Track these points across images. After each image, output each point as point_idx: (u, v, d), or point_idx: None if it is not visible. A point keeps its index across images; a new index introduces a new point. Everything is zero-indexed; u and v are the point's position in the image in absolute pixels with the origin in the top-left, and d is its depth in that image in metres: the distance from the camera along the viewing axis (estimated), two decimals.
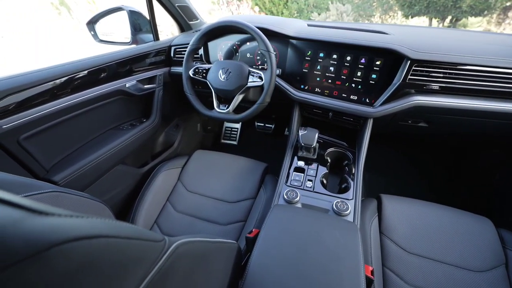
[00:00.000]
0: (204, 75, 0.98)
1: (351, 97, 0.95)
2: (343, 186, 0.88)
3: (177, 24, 1.30)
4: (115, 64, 0.96)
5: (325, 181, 0.90)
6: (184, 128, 1.52)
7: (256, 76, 0.91)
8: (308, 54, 0.97)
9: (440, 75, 0.82)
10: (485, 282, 0.69)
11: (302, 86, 1.02)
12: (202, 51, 1.12)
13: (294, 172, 0.90)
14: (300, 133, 0.92)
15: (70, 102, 0.81)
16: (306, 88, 1.01)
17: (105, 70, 0.92)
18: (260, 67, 1.08)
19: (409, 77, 0.83)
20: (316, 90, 1.00)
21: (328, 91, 0.98)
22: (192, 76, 0.99)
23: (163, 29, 1.22)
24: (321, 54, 0.95)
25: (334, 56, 0.93)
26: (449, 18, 6.86)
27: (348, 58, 0.91)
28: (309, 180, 0.88)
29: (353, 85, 0.93)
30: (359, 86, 0.92)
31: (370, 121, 0.96)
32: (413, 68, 0.82)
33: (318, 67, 0.96)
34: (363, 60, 0.89)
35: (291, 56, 1.00)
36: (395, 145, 1.64)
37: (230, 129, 1.92)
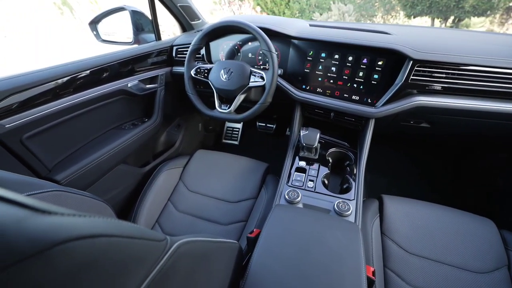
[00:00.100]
0: (206, 75, 0.98)
1: (353, 97, 0.94)
2: (345, 187, 0.88)
3: (179, 24, 1.31)
4: (117, 64, 0.96)
5: (327, 182, 0.90)
6: (186, 128, 1.52)
7: (258, 76, 0.91)
8: (310, 54, 0.97)
9: (443, 76, 0.82)
10: (487, 284, 0.69)
11: (304, 86, 1.01)
12: (204, 51, 1.12)
13: (296, 172, 0.90)
14: (302, 133, 0.92)
15: (73, 102, 0.82)
16: (308, 88, 1.01)
17: (107, 70, 0.93)
18: (262, 67, 1.08)
19: (411, 78, 0.83)
20: (318, 90, 0.99)
21: (330, 91, 0.98)
22: (194, 76, 0.99)
23: (165, 29, 1.22)
24: (323, 54, 0.95)
25: (336, 56, 0.92)
26: (452, 18, 6.83)
27: (350, 58, 0.91)
28: (311, 181, 0.87)
29: (355, 85, 0.93)
30: (361, 86, 0.92)
31: (372, 122, 0.95)
32: (415, 69, 0.82)
33: (320, 67, 0.96)
34: (365, 60, 0.89)
35: (293, 56, 1.00)
36: (397, 145, 1.63)
37: (232, 129, 1.92)
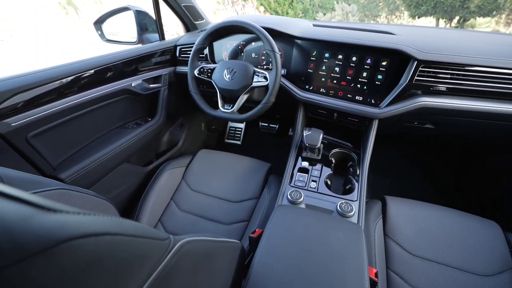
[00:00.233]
0: (209, 75, 0.98)
1: (357, 98, 0.94)
2: (348, 187, 0.88)
3: (183, 24, 1.31)
4: (121, 64, 0.97)
5: (329, 182, 0.89)
6: (189, 128, 1.53)
7: (261, 76, 0.91)
8: (314, 54, 0.96)
9: (447, 76, 0.81)
10: (491, 287, 0.68)
11: (307, 87, 1.01)
12: (207, 51, 1.13)
13: (298, 173, 0.90)
14: (305, 134, 0.92)
15: (77, 101, 0.82)
16: (311, 89, 1.01)
17: (112, 70, 0.93)
18: (265, 67, 1.08)
19: (416, 78, 0.82)
20: (321, 91, 0.99)
21: (333, 92, 0.97)
22: (197, 76, 1.00)
23: (168, 29, 1.22)
24: (327, 55, 0.94)
25: (340, 57, 0.92)
26: (457, 19, 6.76)
27: (354, 59, 0.90)
28: (313, 181, 0.87)
29: (359, 86, 0.92)
30: (365, 87, 0.92)
31: (376, 122, 0.95)
32: (420, 69, 0.81)
33: (323, 68, 0.96)
34: (369, 61, 0.88)
35: (296, 56, 1.00)
36: (399, 146, 1.62)
37: (234, 129, 1.92)
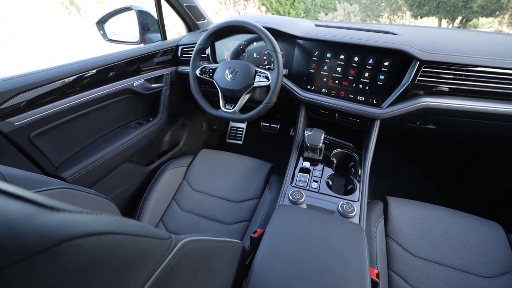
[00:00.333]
0: (211, 75, 0.98)
1: (358, 98, 0.94)
2: (349, 188, 0.87)
3: (185, 24, 1.31)
4: (123, 63, 0.97)
5: (331, 182, 0.89)
6: (190, 127, 1.53)
7: (263, 76, 0.91)
8: (315, 55, 0.96)
9: (450, 77, 0.80)
10: None
11: (309, 87, 1.01)
12: (209, 51, 1.13)
13: (300, 173, 0.90)
14: (306, 134, 0.92)
15: (79, 100, 0.82)
16: (313, 89, 1.01)
17: (114, 69, 0.94)
18: (267, 67, 1.08)
19: (418, 78, 0.82)
20: (323, 91, 0.99)
21: (335, 92, 0.97)
22: (199, 76, 1.00)
23: (170, 29, 1.23)
24: (328, 55, 0.94)
25: (342, 57, 0.92)
26: (459, 19, 6.74)
27: (356, 59, 0.90)
28: (315, 181, 0.87)
29: (361, 86, 0.92)
30: (367, 87, 0.91)
31: (377, 123, 0.95)
32: (422, 69, 0.81)
33: (325, 68, 0.96)
34: (371, 61, 0.88)
35: (298, 56, 1.00)
36: (400, 146, 1.61)
37: (236, 129, 1.92)
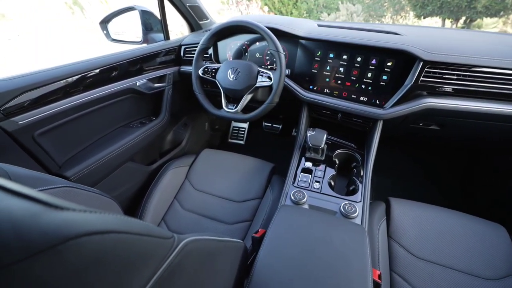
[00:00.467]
0: (213, 75, 0.98)
1: (361, 99, 0.93)
2: (351, 188, 0.87)
3: (187, 24, 1.32)
4: (126, 63, 0.98)
5: (333, 183, 0.89)
6: (192, 127, 1.53)
7: (265, 76, 0.91)
8: (318, 55, 0.96)
9: (454, 77, 0.80)
10: None
11: (311, 87, 1.01)
12: (212, 51, 1.13)
13: (302, 173, 0.90)
14: (308, 134, 0.92)
15: (83, 100, 0.83)
16: (315, 89, 1.00)
17: (117, 69, 0.94)
18: (269, 67, 1.08)
19: (422, 79, 0.81)
20: (325, 91, 0.99)
21: (338, 92, 0.97)
22: (202, 76, 1.00)
23: (173, 29, 1.23)
24: (331, 55, 0.94)
25: (344, 57, 0.92)
26: (463, 19, 6.69)
27: (359, 59, 0.90)
28: (317, 182, 0.87)
29: (363, 86, 0.92)
30: (369, 88, 0.91)
31: (380, 123, 0.94)
32: (426, 70, 0.80)
33: (328, 68, 0.95)
34: (374, 61, 0.88)
35: (301, 56, 1.00)
36: (402, 147, 1.61)
37: (238, 129, 1.92)
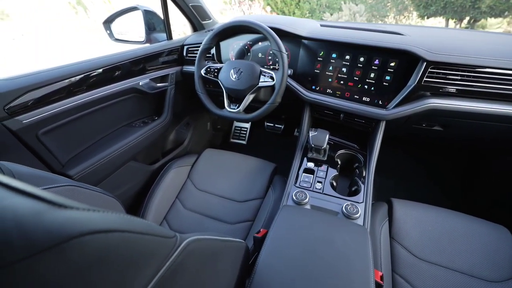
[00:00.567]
0: (216, 75, 0.98)
1: (364, 99, 0.93)
2: (353, 189, 0.87)
3: (190, 24, 1.32)
4: (129, 63, 0.98)
5: (335, 183, 0.89)
6: (194, 127, 1.53)
7: (268, 76, 0.91)
8: (321, 55, 0.96)
9: (458, 78, 0.79)
10: None
11: (314, 87, 1.01)
12: (214, 51, 1.13)
13: (304, 173, 0.90)
14: (311, 134, 0.92)
15: (86, 99, 0.83)
16: (318, 89, 1.00)
17: (120, 69, 0.94)
18: (272, 67, 1.07)
19: (425, 79, 0.81)
20: (328, 91, 0.98)
21: (340, 92, 0.96)
22: (204, 75, 1.00)
23: (175, 29, 1.23)
24: (334, 55, 0.94)
25: (347, 57, 0.91)
26: (467, 19, 6.64)
27: (362, 59, 0.89)
28: (319, 182, 0.87)
29: (366, 87, 0.91)
30: (372, 88, 0.91)
31: (383, 124, 0.94)
32: (429, 70, 0.80)
33: (330, 68, 0.95)
34: (377, 61, 0.87)
35: (303, 57, 1.00)
36: (406, 147, 1.60)
37: (240, 129, 1.92)
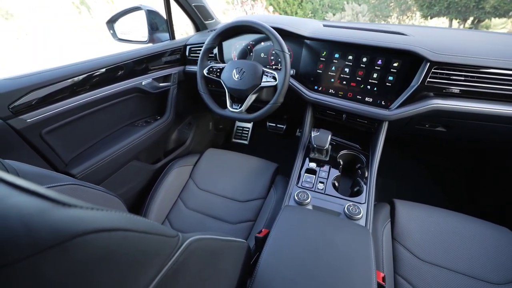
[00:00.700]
0: (218, 74, 0.99)
1: (366, 99, 0.93)
2: (355, 190, 0.87)
3: (193, 24, 1.32)
4: (132, 63, 0.99)
5: (337, 184, 0.88)
6: (197, 127, 1.54)
7: (270, 76, 0.91)
8: (323, 55, 0.96)
9: (461, 78, 0.79)
10: None
11: (316, 87, 1.00)
12: (217, 51, 1.13)
13: (306, 174, 0.90)
14: (313, 135, 0.91)
15: (89, 99, 0.84)
16: (320, 89, 1.00)
17: (122, 68, 0.95)
18: (274, 67, 1.07)
19: (428, 80, 0.80)
20: (330, 91, 0.98)
21: (343, 93, 0.96)
22: (206, 75, 1.00)
23: (178, 29, 1.24)
24: (336, 55, 0.93)
25: (350, 57, 0.91)
26: (471, 19, 6.60)
27: (364, 59, 0.89)
28: (321, 182, 0.86)
29: (369, 87, 0.91)
30: (375, 88, 0.90)
31: (385, 124, 0.93)
32: (433, 71, 0.79)
33: (333, 68, 0.95)
34: (380, 62, 0.87)
35: (306, 57, 1.00)
36: (408, 148, 1.59)
37: (242, 129, 1.92)
